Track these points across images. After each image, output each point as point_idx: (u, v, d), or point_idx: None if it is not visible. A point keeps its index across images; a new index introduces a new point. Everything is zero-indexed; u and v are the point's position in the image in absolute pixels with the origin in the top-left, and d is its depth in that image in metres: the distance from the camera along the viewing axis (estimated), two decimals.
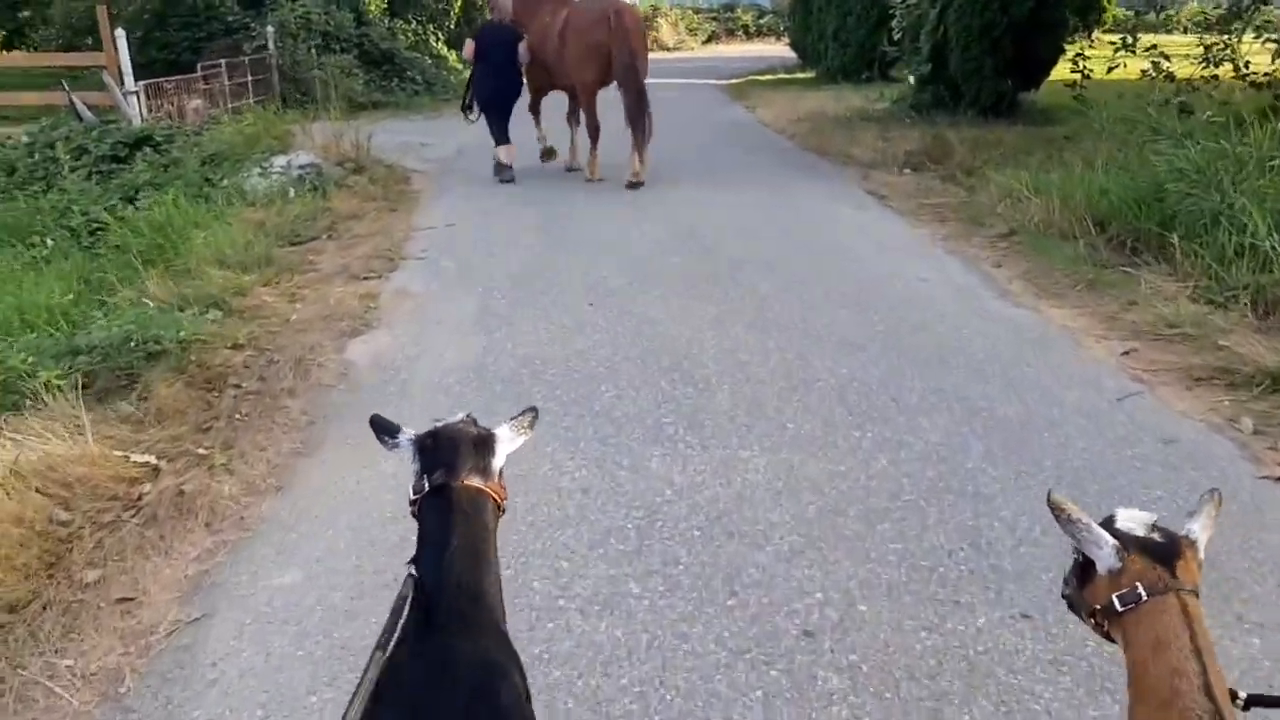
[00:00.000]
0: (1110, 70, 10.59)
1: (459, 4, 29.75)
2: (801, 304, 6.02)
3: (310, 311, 5.98)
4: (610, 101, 10.55)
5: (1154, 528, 1.50)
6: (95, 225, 9.36)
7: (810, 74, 23.84)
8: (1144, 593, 1.43)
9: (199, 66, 15.42)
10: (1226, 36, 10.19)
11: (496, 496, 1.68)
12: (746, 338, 5.39)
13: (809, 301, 6.07)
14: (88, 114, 13.30)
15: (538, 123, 11.53)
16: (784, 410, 4.38)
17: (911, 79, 14.92)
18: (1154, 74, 10.17)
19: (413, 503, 1.67)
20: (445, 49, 28.72)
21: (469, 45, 10.81)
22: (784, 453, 3.93)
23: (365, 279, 6.89)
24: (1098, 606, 1.50)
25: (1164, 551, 1.46)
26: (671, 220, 8.57)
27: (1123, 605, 1.45)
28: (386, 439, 1.71)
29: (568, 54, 10.00)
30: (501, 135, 10.72)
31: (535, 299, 6.34)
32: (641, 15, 11.21)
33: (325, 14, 20.03)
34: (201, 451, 3.91)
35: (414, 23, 28.12)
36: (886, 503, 3.55)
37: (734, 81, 24.28)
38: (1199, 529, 1.51)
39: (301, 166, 10.69)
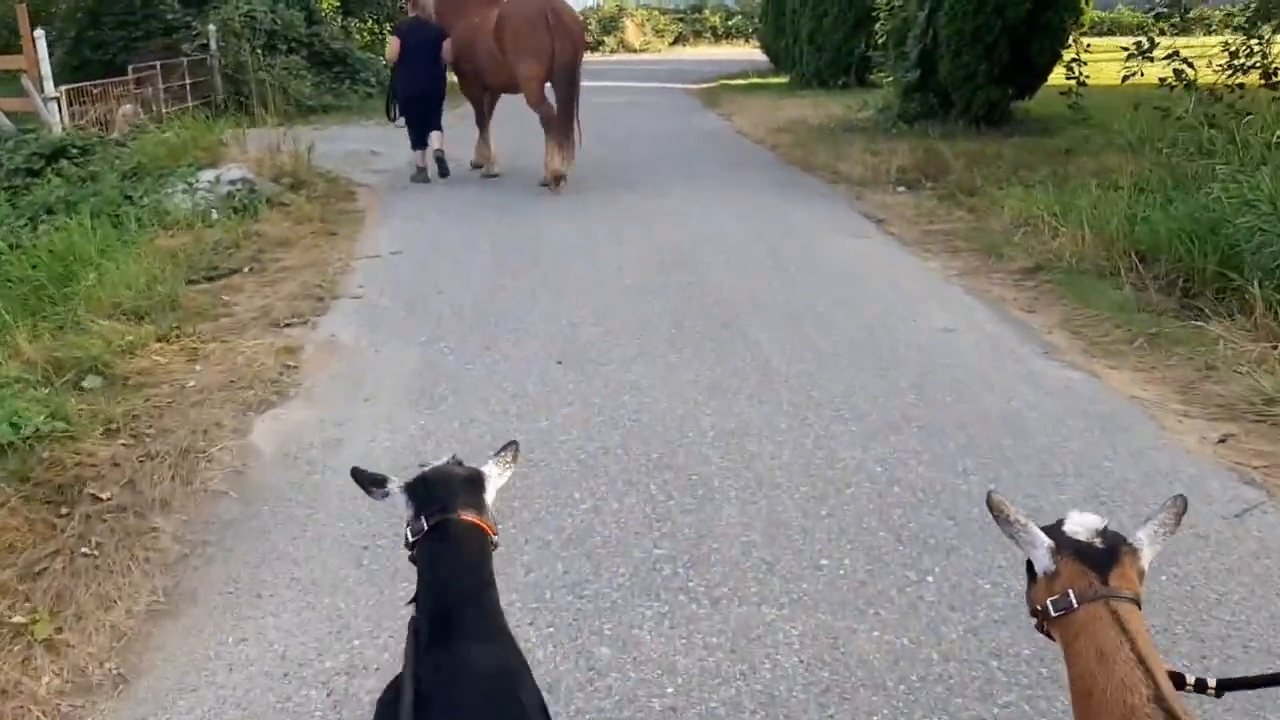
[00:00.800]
0: (1125, 79, 9.66)
1: None
2: (812, 363, 5.00)
3: (213, 375, 4.88)
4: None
5: (1100, 534, 1.48)
6: None
7: (784, 79, 22.89)
8: (1074, 600, 1.43)
9: (130, 69, 14.18)
10: (1255, 40, 9.28)
11: (490, 531, 1.72)
12: (752, 414, 4.36)
13: (820, 359, 5.06)
14: (4, 122, 12.10)
15: (484, 134, 11.21)
16: (812, 533, 3.35)
17: (895, 86, 13.98)
18: (1174, 83, 9.24)
19: (410, 545, 1.69)
20: None
21: (393, 43, 10.19)
22: (822, 612, 2.90)
23: (287, 326, 5.79)
24: (1038, 608, 1.50)
25: (1100, 558, 1.46)
26: (650, 247, 7.54)
27: (1055, 610, 1.45)
28: (374, 490, 1.74)
29: (507, 54, 9.72)
30: (420, 139, 10.46)
31: (490, 352, 5.28)
32: (577, 14, 10.81)
33: (271, 12, 18.80)
34: (18, 619, 2.81)
35: (370, 21, 26.92)
36: (977, 706, 2.52)
37: (705, 86, 23.28)
38: (1146, 537, 1.51)
39: (232, 182, 9.55)
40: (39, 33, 11.56)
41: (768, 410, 4.39)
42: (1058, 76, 12.66)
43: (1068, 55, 12.19)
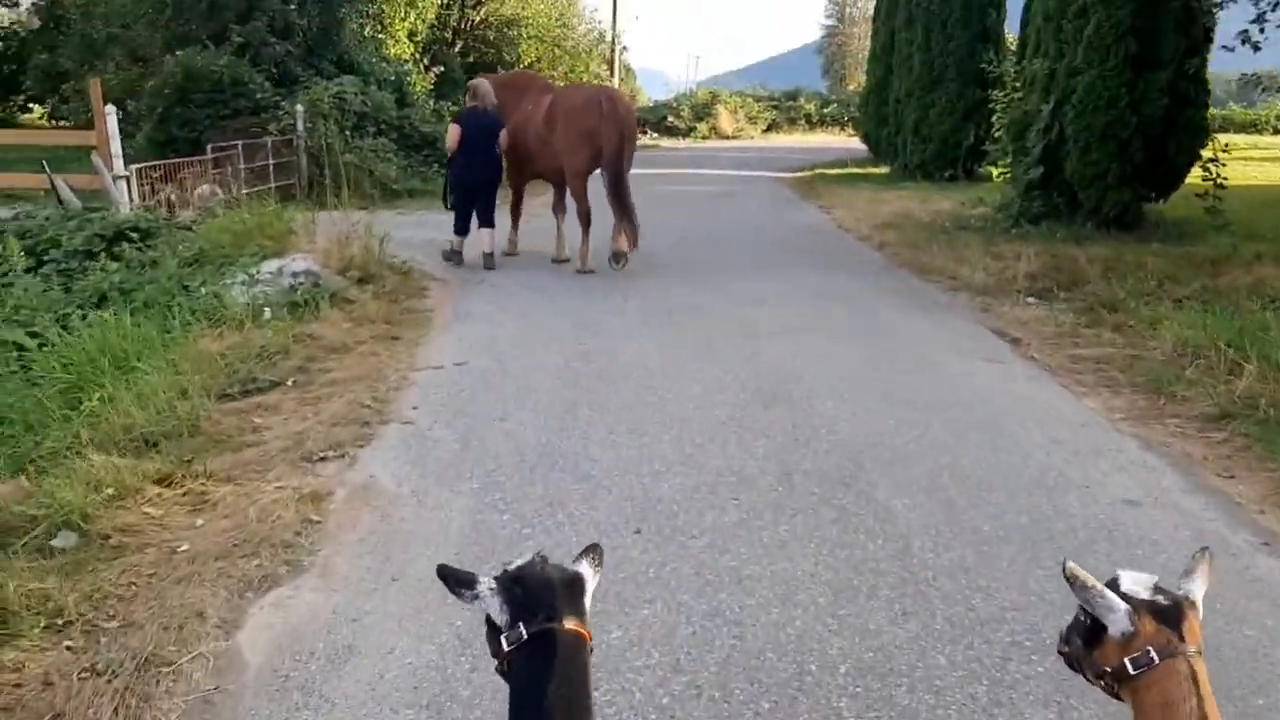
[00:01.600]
0: None
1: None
2: (967, 551, 3.89)
3: (214, 535, 3.95)
4: (665, 198, 8.53)
5: (1156, 589, 1.54)
6: (19, 347, 7.60)
7: (884, 170, 21.95)
8: (1156, 656, 1.48)
9: (209, 148, 13.79)
10: None
11: (589, 638, 1.62)
12: (897, 638, 3.25)
13: (978, 545, 3.94)
14: (72, 199, 11.67)
15: (516, 224, 11.27)
16: None
17: (1014, 182, 12.87)
18: None
19: (503, 657, 1.58)
20: None
21: (454, 131, 10.09)
22: None
23: (321, 460, 4.88)
24: (1108, 669, 1.54)
25: (1171, 614, 1.51)
26: (746, 371, 6.52)
27: (1136, 669, 1.50)
28: (463, 591, 1.61)
29: (556, 139, 9.81)
30: (464, 226, 10.46)
31: (553, 512, 4.28)
32: (631, 102, 10.64)
33: (362, 94, 18.51)
34: None
35: (462, 104, 26.81)
36: None
37: (801, 175, 22.43)
38: (1197, 589, 1.56)
39: (295, 274, 8.82)
40: (109, 109, 11.14)
41: (917, 631, 3.28)
42: (1192, 177, 11.52)
43: (1205, 154, 11.05)
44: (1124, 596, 1.53)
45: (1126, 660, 1.49)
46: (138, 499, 4.14)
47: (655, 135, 40.27)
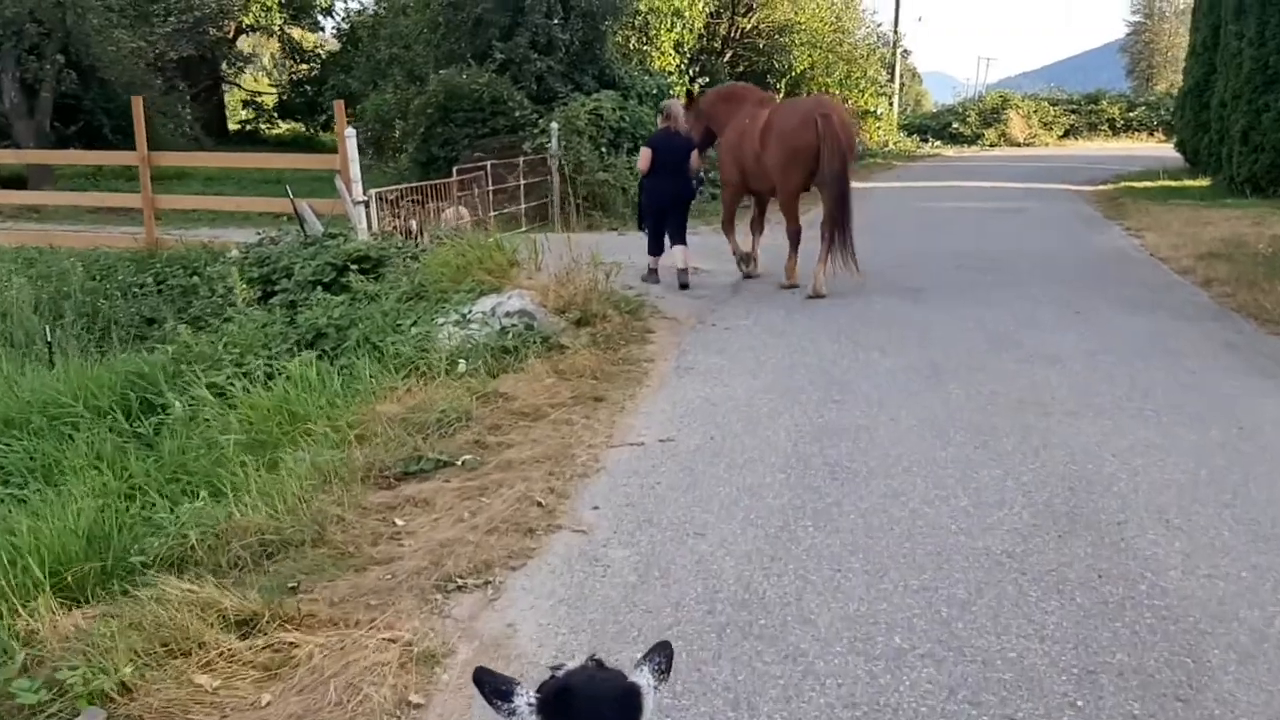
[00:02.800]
0: None
1: (782, 95, 27.13)
2: None
3: None
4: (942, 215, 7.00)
5: None
6: (220, 390, 7.16)
7: (1204, 182, 19.00)
8: None
9: (454, 170, 13.36)
10: None
11: None
12: None
13: None
14: (315, 224, 11.43)
15: (732, 237, 10.80)
16: None
17: None
18: None
19: None
20: None
21: (645, 154, 10.00)
22: None
23: (457, 590, 3.81)
24: None
25: None
26: (1032, 468, 4.95)
27: None
28: (498, 702, 1.45)
29: (768, 156, 9.43)
30: (657, 246, 10.27)
31: (736, 714, 2.99)
32: (849, 116, 10.67)
33: (620, 109, 17.81)
34: None
35: None
36: None
37: (1103, 188, 19.84)
38: None
39: (509, 314, 7.97)
40: (349, 132, 10.75)
41: None
42: None
43: None
44: None
45: None
46: (198, 656, 3.19)
47: (938, 143, 37.78)
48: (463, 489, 4.78)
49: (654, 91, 20.18)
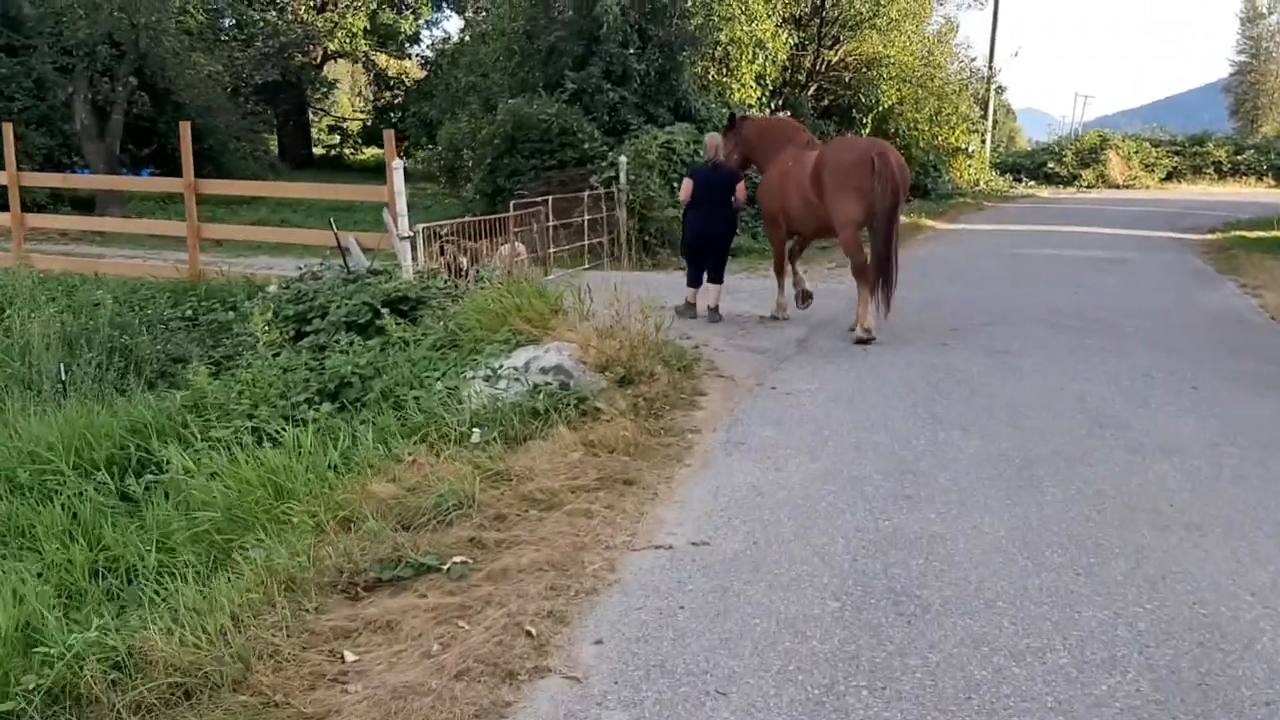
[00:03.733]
0: None
1: (868, 130, 26.14)
2: None
3: None
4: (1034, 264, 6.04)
5: None
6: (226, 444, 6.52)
7: None
8: None
9: (511, 204, 12.65)
10: None
11: None
12: None
13: None
14: (360, 259, 10.80)
15: (783, 281, 10.52)
16: None
17: None
18: None
19: None
20: None
21: (687, 185, 10.00)
22: None
23: None
24: None
25: None
26: (1150, 609, 3.94)
27: None
28: None
29: (826, 198, 9.25)
30: (696, 278, 10.28)
31: None
32: (902, 157, 9.83)
33: (694, 142, 17.01)
34: None
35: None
36: None
37: (1212, 238, 18.44)
38: None
39: (544, 370, 7.17)
40: (396, 163, 10.09)
41: None
42: None
43: None
44: None
45: None
46: None
47: (1032, 183, 36.28)
48: (440, 607, 3.93)
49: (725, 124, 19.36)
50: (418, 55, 39.23)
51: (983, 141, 33.53)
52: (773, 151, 10.05)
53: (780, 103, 23.16)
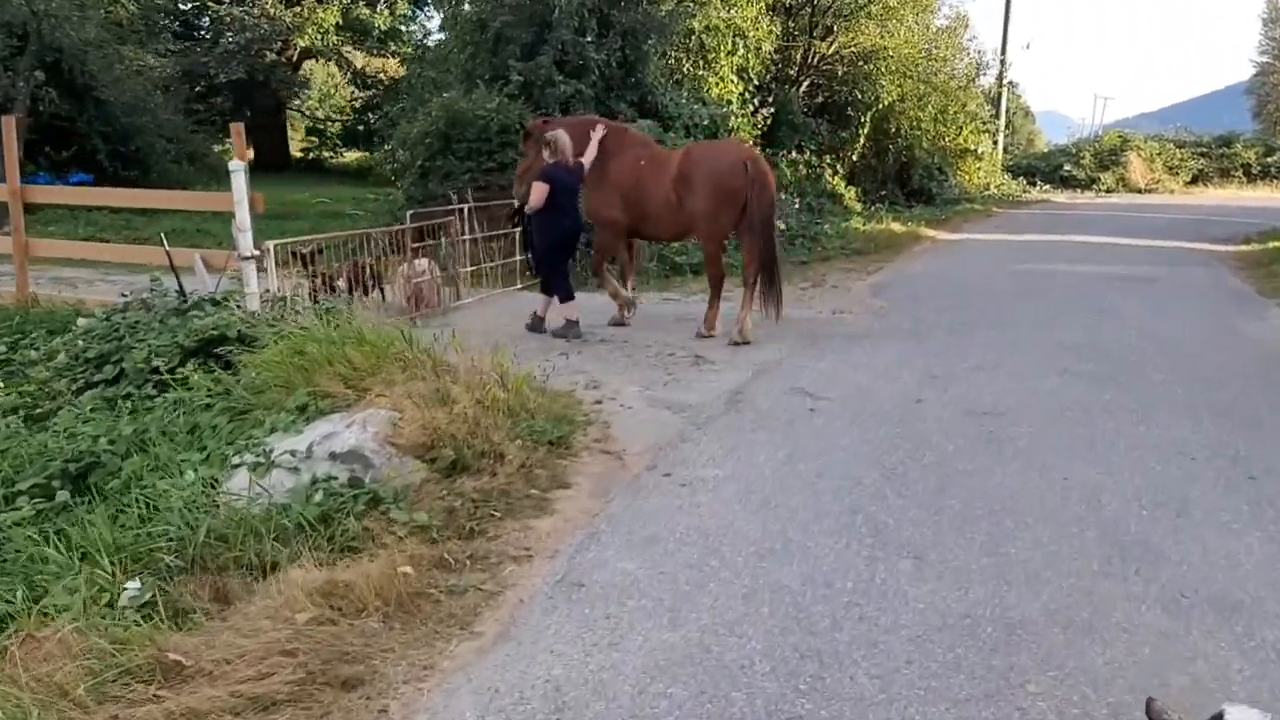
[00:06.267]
0: None
1: (865, 130, 23.98)
2: None
3: None
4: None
5: None
6: None
7: None
8: None
9: (408, 215, 10.56)
10: None
11: None
12: None
13: None
14: (205, 280, 8.79)
15: (608, 279, 9.83)
16: None
17: None
18: None
19: None
20: (843, 186, 22.99)
21: (541, 190, 8.86)
22: None
23: None
24: None
25: None
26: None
27: None
28: None
29: (693, 200, 8.91)
30: (569, 290, 9.37)
31: None
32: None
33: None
34: None
35: (807, 153, 22.66)
36: None
37: (1246, 249, 16.22)
38: None
39: (336, 455, 5.11)
40: (235, 165, 8.04)
41: None
42: None
43: None
44: None
45: None
46: None
47: (1047, 187, 33.99)
48: None
49: (705, 123, 17.28)
50: (399, 53, 37.21)
51: (994, 143, 31.31)
52: (615, 151, 9.38)
53: (766, 98, 21.09)
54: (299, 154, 39.48)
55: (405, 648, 3.58)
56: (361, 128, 37.09)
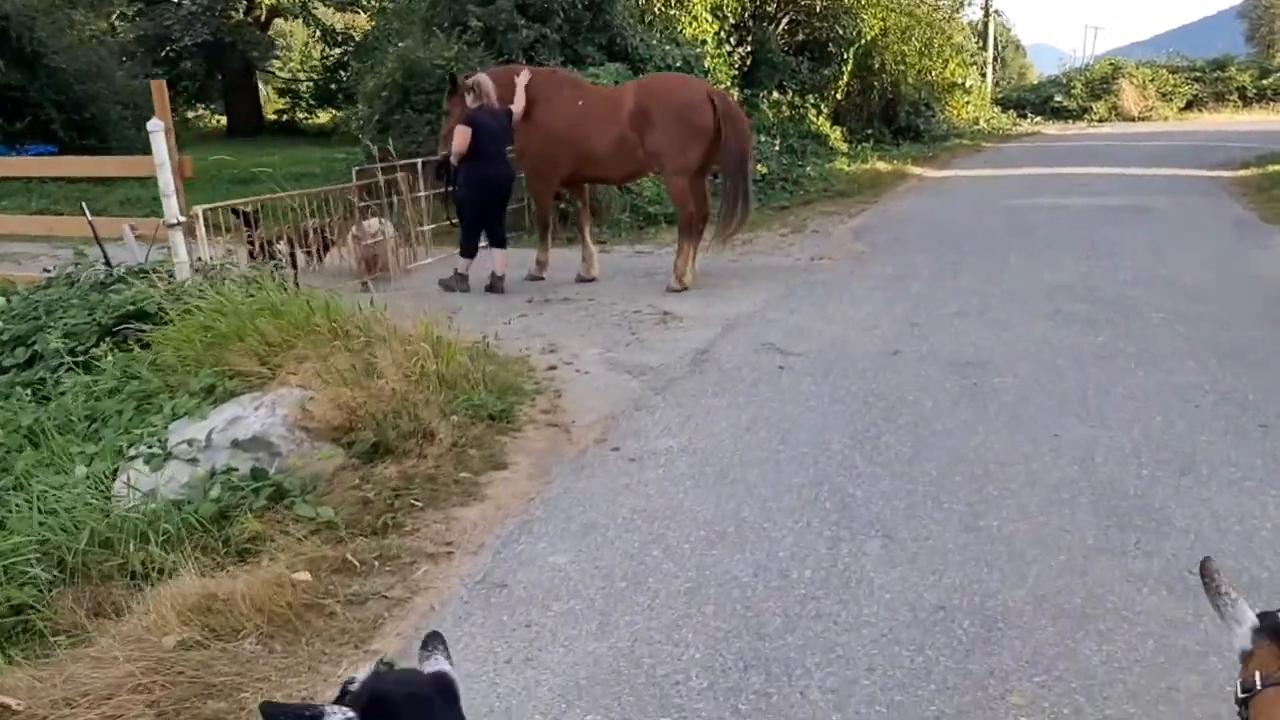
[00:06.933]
0: None
1: (848, 67, 23.17)
2: None
3: None
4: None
5: None
6: None
7: None
8: (1259, 682, 1.38)
9: (355, 171, 9.90)
10: None
11: None
12: None
13: None
14: (135, 250, 8.23)
15: (547, 236, 9.42)
16: None
17: None
18: None
19: None
20: (828, 126, 22.24)
21: (463, 134, 8.29)
22: None
23: None
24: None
25: None
26: None
27: (1241, 691, 1.42)
28: None
29: (654, 139, 8.37)
30: (474, 246, 8.89)
31: None
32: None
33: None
34: None
35: (789, 93, 21.90)
36: None
37: (1245, 174, 15.58)
38: None
39: (240, 442, 4.57)
40: (154, 124, 7.41)
41: None
42: None
43: None
44: (1267, 616, 1.44)
45: (1237, 681, 1.43)
46: None
47: (1038, 120, 33.18)
48: None
49: (679, 64, 16.53)
50: (367, 7, 36.16)
51: (982, 76, 30.48)
52: (550, 93, 8.81)
53: (744, 36, 20.31)
54: (273, 117, 38.58)
55: (284, 675, 3.06)
56: (334, 87, 36.14)
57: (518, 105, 8.67)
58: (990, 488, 4.25)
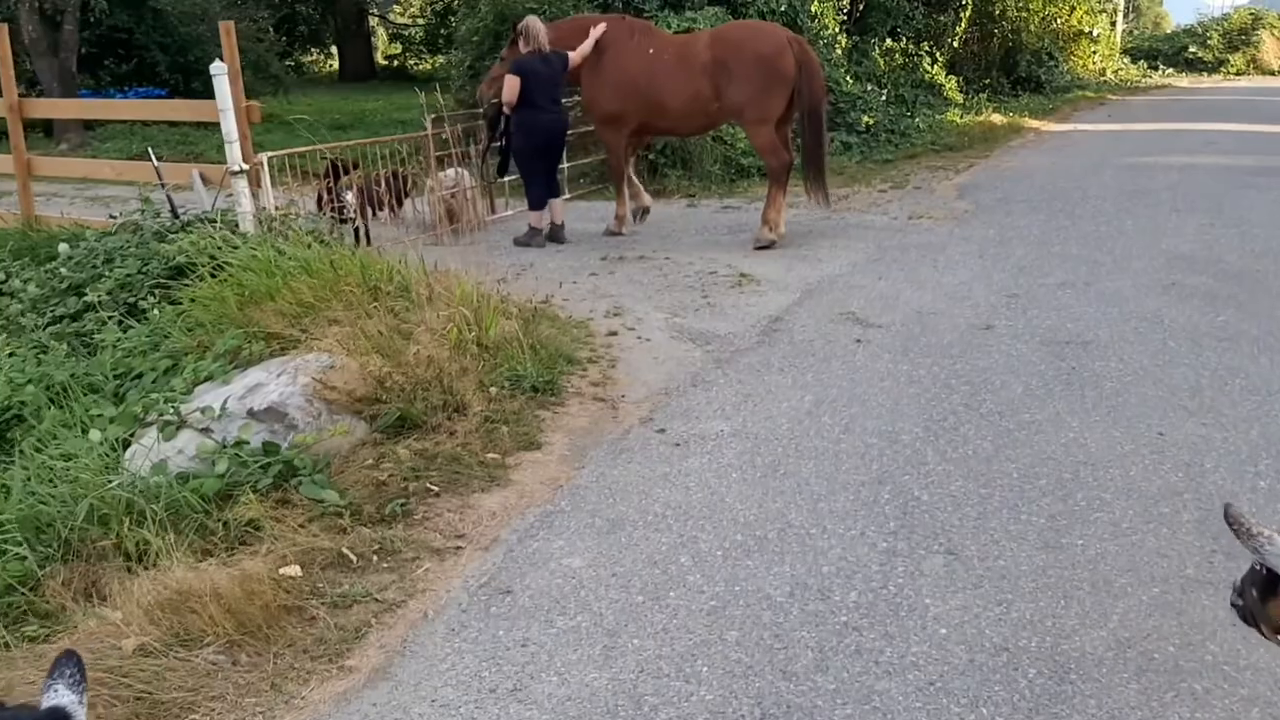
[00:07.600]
0: None
1: (967, 12, 21.93)
2: None
3: None
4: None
5: None
6: None
7: None
8: None
9: (430, 120, 9.55)
10: None
11: None
12: None
13: None
14: (204, 198, 8.07)
15: (623, 190, 8.98)
16: None
17: None
18: None
19: None
20: (943, 76, 21.14)
21: (513, 83, 8.06)
22: None
23: None
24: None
25: None
26: None
27: None
28: None
29: (735, 88, 8.03)
30: (543, 197, 8.64)
31: None
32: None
33: None
34: None
35: (903, 40, 20.85)
36: None
37: None
38: None
39: (255, 412, 4.27)
40: (217, 67, 7.15)
41: None
42: None
43: None
44: None
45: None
46: None
47: (1170, 71, 31.18)
48: None
49: (783, 8, 15.74)
50: None
51: (1112, 24, 28.69)
52: (608, 45, 8.46)
53: None
54: (384, 62, 38.79)
55: (242, 693, 2.73)
56: (443, 32, 36.07)
57: (578, 52, 8.25)
58: (1078, 495, 3.70)
